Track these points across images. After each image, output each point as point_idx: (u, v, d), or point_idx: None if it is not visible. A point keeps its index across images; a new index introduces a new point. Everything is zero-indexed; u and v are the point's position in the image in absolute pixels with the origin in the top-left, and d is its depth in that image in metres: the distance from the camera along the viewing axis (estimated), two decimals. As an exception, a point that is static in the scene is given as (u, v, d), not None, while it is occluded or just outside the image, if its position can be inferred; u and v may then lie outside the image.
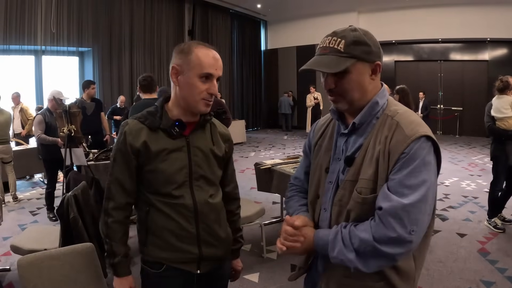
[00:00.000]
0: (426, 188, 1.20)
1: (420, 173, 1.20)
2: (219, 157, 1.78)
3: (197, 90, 1.60)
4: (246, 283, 3.68)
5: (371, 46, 1.32)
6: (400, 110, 1.34)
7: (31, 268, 1.93)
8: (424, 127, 1.27)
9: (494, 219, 5.00)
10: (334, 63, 1.29)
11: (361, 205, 1.28)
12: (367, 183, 1.27)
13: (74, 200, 2.88)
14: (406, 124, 1.26)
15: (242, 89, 17.88)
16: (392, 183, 1.21)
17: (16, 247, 3.31)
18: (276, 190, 4.73)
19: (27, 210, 6.12)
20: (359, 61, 1.30)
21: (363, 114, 1.35)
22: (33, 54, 10.13)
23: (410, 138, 1.22)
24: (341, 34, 1.31)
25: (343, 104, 1.37)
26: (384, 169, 1.25)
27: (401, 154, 1.22)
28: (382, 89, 1.40)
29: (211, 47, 1.65)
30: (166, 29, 13.78)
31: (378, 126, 1.32)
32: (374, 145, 1.30)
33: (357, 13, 15.35)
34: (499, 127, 4.71)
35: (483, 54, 14.32)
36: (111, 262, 1.69)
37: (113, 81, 11.88)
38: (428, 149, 1.23)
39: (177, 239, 1.68)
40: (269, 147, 12.60)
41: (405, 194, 1.18)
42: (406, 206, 1.17)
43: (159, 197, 1.67)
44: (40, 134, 5.35)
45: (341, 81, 1.32)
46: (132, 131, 1.65)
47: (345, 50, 1.29)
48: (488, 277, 3.71)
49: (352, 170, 1.34)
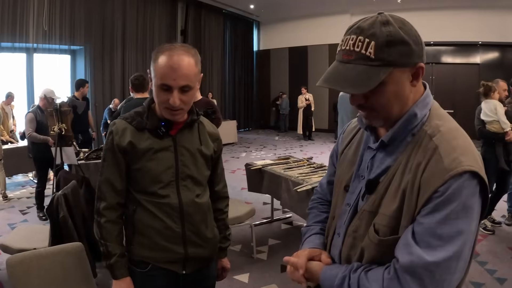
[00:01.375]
0: (462, 241, 0.92)
1: (456, 221, 0.92)
2: (207, 157, 1.77)
3: (158, 99, 1.58)
4: (236, 284, 3.68)
5: (411, 44, 0.99)
6: (443, 128, 1.02)
7: (20, 267, 1.92)
8: (471, 157, 0.96)
9: (484, 221, 5.02)
10: (363, 78, 0.97)
11: (377, 246, 1.04)
12: (388, 221, 1.02)
13: (63, 199, 2.86)
14: (447, 152, 0.96)
15: (234, 90, 17.87)
16: (419, 229, 0.94)
17: (6, 246, 3.28)
18: (266, 190, 4.74)
19: (17, 209, 6.07)
20: (396, 68, 0.99)
21: (396, 129, 1.06)
22: (24, 52, 10.04)
23: (449, 173, 0.92)
24: (370, 32, 0.98)
25: (377, 121, 1.10)
26: (411, 207, 0.98)
27: (434, 193, 0.93)
28: (424, 95, 1.08)
29: (179, 51, 1.53)
30: (158, 29, 13.72)
31: (412, 146, 1.03)
32: (403, 171, 1.02)
33: (350, 15, 15.40)
34: (489, 130, 4.76)
35: (474, 58, 14.43)
36: (108, 264, 1.67)
37: (105, 80, 11.80)
38: (472, 190, 0.93)
39: (162, 239, 1.67)
40: (261, 148, 12.60)
41: (432, 247, 0.92)
42: (430, 264, 0.91)
43: (145, 196, 1.67)
44: (31, 132, 5.30)
45: (373, 96, 1.02)
46: (118, 131, 1.65)
47: (376, 56, 0.97)
48: (478, 278, 3.73)
49: (372, 199, 1.08)
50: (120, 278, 1.68)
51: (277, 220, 5.44)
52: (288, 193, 4.11)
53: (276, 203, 5.42)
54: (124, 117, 1.70)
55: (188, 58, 1.54)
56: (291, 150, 11.79)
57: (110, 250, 1.66)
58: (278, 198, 4.49)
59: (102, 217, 1.67)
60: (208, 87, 15.47)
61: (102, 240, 1.67)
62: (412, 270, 0.93)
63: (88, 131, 6.84)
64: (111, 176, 1.67)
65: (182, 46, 1.58)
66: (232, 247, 4.47)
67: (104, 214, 1.67)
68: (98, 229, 1.68)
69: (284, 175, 4.32)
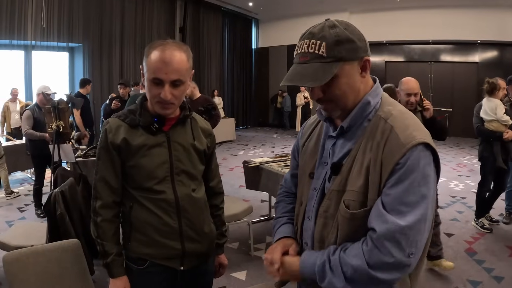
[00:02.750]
0: (425, 205, 1.06)
1: (419, 188, 1.05)
2: (200, 152, 1.78)
3: (150, 93, 1.61)
4: (233, 281, 3.68)
5: (356, 41, 1.15)
6: (394, 111, 1.18)
7: (17, 264, 1.93)
8: (422, 132, 1.12)
9: (481, 219, 5.04)
10: (319, 73, 1.13)
11: (350, 221, 1.15)
12: (356, 196, 1.14)
13: (61, 197, 2.86)
14: (401, 129, 1.11)
15: (233, 87, 17.84)
16: (388, 199, 1.07)
17: (3, 244, 3.28)
18: (264, 188, 4.76)
19: (15, 206, 6.07)
20: (346, 62, 1.15)
21: (353, 116, 1.21)
22: (22, 49, 10.01)
23: (406, 146, 1.07)
24: (320, 35, 1.14)
25: (336, 112, 1.24)
26: (376, 181, 1.11)
27: (395, 165, 1.07)
28: (375, 86, 1.25)
29: (171, 47, 1.56)
30: (157, 26, 13.70)
31: (369, 129, 1.18)
32: (364, 151, 1.15)
33: (348, 13, 15.39)
34: (488, 128, 4.75)
35: (473, 56, 14.43)
36: (105, 263, 1.68)
37: (103, 77, 11.78)
38: (427, 159, 1.08)
39: (159, 235, 1.68)
40: (259, 146, 12.60)
41: (402, 213, 1.05)
42: (404, 228, 1.04)
43: (141, 192, 1.68)
44: (27, 129, 5.29)
45: (329, 89, 1.17)
46: (112, 129, 1.66)
47: (328, 54, 1.13)
48: (475, 276, 3.74)
49: (338, 179, 1.20)
50: (117, 276, 1.69)
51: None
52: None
53: (274, 201, 5.41)
54: (117, 115, 1.71)
55: (180, 53, 1.57)
56: (290, 148, 11.73)
57: (107, 249, 1.67)
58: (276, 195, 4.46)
59: (99, 216, 1.67)
60: (207, 84, 15.47)
61: (98, 239, 1.68)
62: (391, 236, 1.05)
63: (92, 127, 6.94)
64: (106, 174, 1.68)
65: (174, 42, 1.61)
66: (230, 244, 4.48)
67: (100, 213, 1.67)
68: (95, 228, 1.68)
69: (282, 172, 4.32)
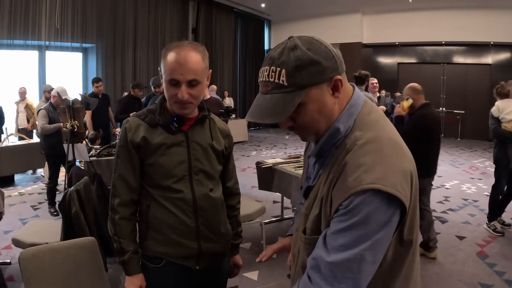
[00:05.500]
0: (362, 248, 0.95)
1: (356, 231, 0.95)
2: (218, 152, 1.80)
3: (168, 94, 1.63)
4: (245, 281, 3.70)
5: (321, 61, 1.02)
6: (360, 141, 1.03)
7: (33, 261, 1.95)
8: (378, 173, 0.96)
9: (493, 222, 5.00)
10: (280, 106, 1.02)
11: (306, 245, 1.12)
12: (312, 224, 1.10)
13: (76, 195, 2.90)
14: (352, 169, 0.98)
15: (245, 88, 17.87)
16: (328, 232, 1.00)
17: (18, 241, 3.32)
18: (277, 189, 4.76)
19: (29, 204, 6.14)
20: (311, 88, 1.03)
21: (321, 144, 1.12)
22: (37, 49, 10.17)
23: (349, 191, 0.96)
24: (280, 60, 1.03)
25: (310, 137, 1.16)
26: (326, 215, 1.05)
27: (339, 206, 0.98)
28: (349, 106, 1.11)
29: (186, 48, 1.59)
30: (170, 27, 13.80)
31: (334, 159, 1.08)
32: (325, 182, 1.08)
33: (361, 14, 15.36)
34: (505, 129, 4.69)
35: (486, 58, 14.32)
36: (121, 260, 1.70)
37: (116, 78, 11.91)
38: (375, 205, 0.94)
39: (176, 234, 1.70)
40: (271, 147, 12.60)
41: (333, 249, 0.97)
42: (329, 264, 0.97)
43: (159, 191, 1.70)
44: (43, 125, 5.31)
45: (298, 116, 1.06)
46: (131, 128, 1.69)
47: (289, 82, 1.01)
48: (487, 280, 3.72)
49: (306, 203, 1.17)
50: (133, 274, 1.71)
51: (287, 219, 5.45)
52: (299, 192, 4.12)
53: (286, 202, 5.46)
54: (137, 115, 1.74)
55: (195, 54, 1.59)
56: (302, 150, 11.70)
57: (124, 246, 1.69)
58: (289, 196, 4.51)
59: (116, 213, 1.70)
60: (219, 85, 15.50)
61: (115, 237, 1.70)
62: (317, 268, 1.00)
63: (108, 127, 7.03)
64: (124, 173, 1.70)
65: (190, 43, 1.63)
66: (242, 244, 4.48)
67: (118, 210, 1.70)
68: (112, 226, 1.70)
69: (295, 173, 4.34)
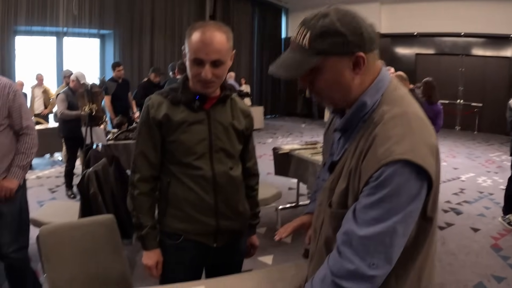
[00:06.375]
0: (393, 221, 0.96)
1: (387, 204, 0.96)
2: (239, 131, 1.81)
3: (191, 73, 1.65)
4: (259, 265, 3.74)
5: (347, 35, 1.03)
6: (388, 114, 1.04)
7: (52, 237, 1.98)
8: (407, 145, 0.97)
9: (508, 215, 4.96)
10: (296, 64, 1.07)
11: (331, 219, 1.13)
12: (339, 198, 1.10)
13: (94, 176, 2.95)
14: (382, 141, 0.99)
15: (262, 76, 17.73)
16: (358, 207, 1.01)
17: (36, 220, 3.40)
18: (293, 175, 4.80)
19: (46, 187, 6.26)
20: (330, 57, 1.05)
21: (348, 118, 1.13)
22: (54, 36, 10.25)
23: (380, 162, 0.96)
24: (310, 23, 1.06)
25: (327, 104, 1.20)
26: (354, 189, 1.05)
27: (369, 178, 0.98)
28: (376, 81, 1.11)
29: (211, 28, 1.62)
30: (187, 14, 13.72)
31: (362, 132, 1.08)
32: (352, 155, 1.08)
33: (379, 3, 15.14)
34: None
35: (505, 51, 14.01)
36: (139, 235, 1.74)
37: (133, 65, 11.92)
38: (405, 177, 0.95)
39: (195, 211, 1.72)
40: (287, 134, 12.59)
41: (364, 223, 0.98)
42: (361, 237, 0.98)
43: (180, 168, 1.72)
44: (62, 110, 5.41)
45: (315, 82, 1.10)
46: (154, 105, 1.71)
47: (310, 45, 1.05)
48: (500, 272, 3.71)
49: (331, 178, 1.18)
50: (151, 249, 1.76)
51: (302, 205, 5.47)
52: (315, 177, 4.15)
53: (302, 189, 5.49)
54: (159, 93, 1.76)
55: (220, 34, 1.61)
56: (318, 138, 11.64)
57: (142, 221, 1.73)
58: (305, 182, 4.55)
59: (136, 189, 1.73)
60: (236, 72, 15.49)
61: (134, 212, 1.74)
62: (349, 243, 1.00)
63: (128, 112, 7.10)
64: (145, 149, 1.73)
65: (215, 23, 1.67)
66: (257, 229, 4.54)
67: (137, 186, 1.73)
68: (131, 201, 1.74)
69: (312, 160, 4.36)
